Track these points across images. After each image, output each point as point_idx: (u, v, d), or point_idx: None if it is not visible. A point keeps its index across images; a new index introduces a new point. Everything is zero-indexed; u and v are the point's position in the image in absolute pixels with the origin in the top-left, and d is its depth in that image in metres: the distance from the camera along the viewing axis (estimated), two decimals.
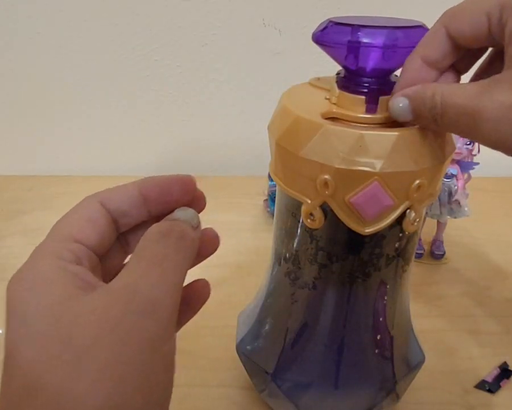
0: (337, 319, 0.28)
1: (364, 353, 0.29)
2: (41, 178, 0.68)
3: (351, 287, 0.27)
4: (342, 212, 0.23)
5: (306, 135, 0.23)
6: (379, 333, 0.28)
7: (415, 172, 0.22)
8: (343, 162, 0.22)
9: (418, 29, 0.23)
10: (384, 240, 0.25)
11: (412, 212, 0.24)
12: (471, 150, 0.47)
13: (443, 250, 0.52)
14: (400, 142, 0.22)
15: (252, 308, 0.34)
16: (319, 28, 0.24)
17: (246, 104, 0.68)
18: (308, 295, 0.28)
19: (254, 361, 0.31)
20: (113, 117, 0.69)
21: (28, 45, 0.63)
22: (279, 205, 0.28)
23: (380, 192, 0.22)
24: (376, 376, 0.29)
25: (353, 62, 0.23)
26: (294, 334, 0.29)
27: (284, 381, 0.30)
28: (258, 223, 0.58)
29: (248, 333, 0.32)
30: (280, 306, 0.30)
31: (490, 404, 0.36)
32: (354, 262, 0.26)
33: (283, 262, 0.29)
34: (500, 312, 0.45)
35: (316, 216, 0.24)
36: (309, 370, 0.29)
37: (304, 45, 0.63)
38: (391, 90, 0.23)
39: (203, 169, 0.73)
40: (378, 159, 0.22)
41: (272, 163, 0.27)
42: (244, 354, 0.32)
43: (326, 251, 0.26)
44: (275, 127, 0.25)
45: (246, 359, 0.32)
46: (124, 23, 0.62)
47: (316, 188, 0.23)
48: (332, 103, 0.25)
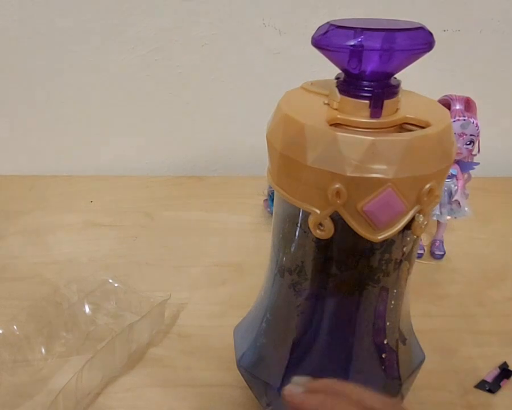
0: (346, 327, 0.27)
1: (372, 359, 0.28)
2: (41, 178, 0.68)
3: (360, 294, 0.26)
4: (354, 221, 0.23)
5: (314, 144, 0.22)
6: (386, 338, 0.28)
7: (427, 175, 0.22)
8: (356, 170, 0.21)
9: (419, 31, 0.23)
10: (393, 245, 0.25)
11: (421, 216, 0.24)
12: (471, 150, 0.47)
13: (443, 250, 0.52)
14: (411, 146, 0.22)
15: (250, 322, 0.33)
16: (319, 32, 0.23)
17: (245, 104, 0.68)
18: (315, 306, 0.27)
19: (258, 376, 0.31)
20: (113, 117, 0.69)
21: (28, 45, 0.63)
22: (280, 216, 0.27)
23: (394, 198, 0.22)
24: (383, 379, 0.29)
25: (356, 66, 0.23)
26: (301, 346, 0.29)
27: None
28: (258, 223, 0.58)
29: (249, 348, 0.32)
30: (284, 319, 0.29)
31: (490, 404, 0.36)
32: (364, 269, 0.25)
33: (286, 273, 0.28)
34: (500, 312, 0.45)
35: (325, 226, 0.23)
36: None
37: (304, 45, 0.63)
38: (392, 94, 0.23)
39: (203, 169, 0.73)
40: (391, 164, 0.21)
41: (273, 173, 0.26)
42: (247, 370, 0.32)
43: (335, 261, 0.25)
44: (277, 136, 0.25)
45: (249, 374, 0.32)
46: (124, 23, 0.62)
47: (326, 197, 0.23)
48: (333, 108, 0.24)
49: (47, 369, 0.39)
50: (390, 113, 0.24)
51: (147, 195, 0.64)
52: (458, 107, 0.45)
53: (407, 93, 0.27)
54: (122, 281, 0.46)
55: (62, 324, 0.42)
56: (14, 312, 0.42)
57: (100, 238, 0.55)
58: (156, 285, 0.48)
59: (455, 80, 0.67)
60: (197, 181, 0.68)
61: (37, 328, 0.41)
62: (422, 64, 0.27)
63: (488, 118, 0.69)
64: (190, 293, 0.47)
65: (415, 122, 0.24)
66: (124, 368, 0.39)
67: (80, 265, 0.50)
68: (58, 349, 0.40)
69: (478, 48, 0.65)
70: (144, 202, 0.63)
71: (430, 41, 0.23)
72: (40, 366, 0.39)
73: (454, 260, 0.52)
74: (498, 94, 0.68)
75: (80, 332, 0.42)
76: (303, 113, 0.24)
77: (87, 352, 0.40)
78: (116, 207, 0.61)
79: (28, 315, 0.42)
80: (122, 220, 0.59)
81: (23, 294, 0.46)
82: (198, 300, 0.46)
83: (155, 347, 0.41)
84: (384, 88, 0.24)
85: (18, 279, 0.48)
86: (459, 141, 0.45)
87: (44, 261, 0.50)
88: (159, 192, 0.65)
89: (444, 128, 0.23)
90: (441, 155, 0.23)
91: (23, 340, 0.40)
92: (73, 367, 0.38)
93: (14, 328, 0.41)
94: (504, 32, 0.64)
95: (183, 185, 0.67)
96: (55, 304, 0.44)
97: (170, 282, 0.48)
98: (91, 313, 0.44)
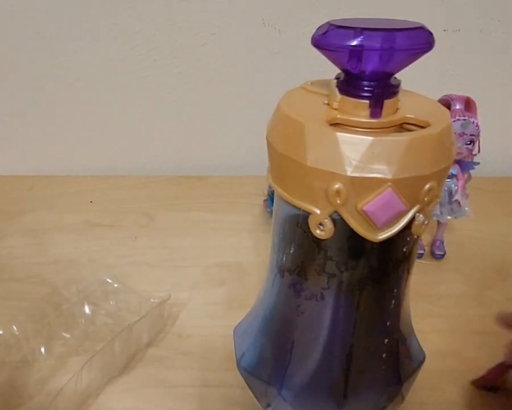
0: (346, 327, 0.27)
1: (372, 359, 0.28)
2: (41, 178, 0.68)
3: (361, 294, 0.26)
4: (354, 221, 0.23)
5: (314, 144, 0.22)
6: (386, 338, 0.28)
7: (427, 175, 0.22)
8: (356, 170, 0.21)
9: (419, 31, 0.23)
10: (393, 245, 0.25)
11: (421, 215, 0.24)
12: (471, 150, 0.47)
13: (443, 250, 0.52)
14: (412, 146, 0.22)
15: (250, 322, 0.33)
16: (319, 32, 0.23)
17: (245, 104, 0.68)
18: (315, 306, 0.27)
19: (258, 377, 0.31)
20: (113, 117, 0.69)
21: (28, 45, 0.63)
22: (280, 216, 0.27)
23: (394, 198, 0.22)
24: (383, 380, 0.29)
25: (356, 66, 0.23)
26: (301, 346, 0.29)
27: (291, 394, 0.29)
28: (258, 223, 0.58)
29: (249, 349, 0.32)
30: (284, 319, 0.29)
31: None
32: (364, 269, 0.25)
33: (286, 274, 0.28)
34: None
35: (325, 226, 0.23)
36: (317, 381, 0.29)
37: (304, 45, 0.63)
38: (392, 94, 0.23)
39: (203, 169, 0.73)
40: (391, 164, 0.21)
41: (272, 173, 0.26)
42: (246, 370, 0.32)
43: (335, 261, 0.25)
44: (277, 136, 0.25)
45: (248, 375, 0.32)
46: (124, 23, 0.62)
47: (326, 197, 0.22)
48: (333, 108, 0.24)
49: (47, 369, 0.39)
50: (390, 113, 0.24)
51: (147, 195, 0.64)
52: (458, 107, 0.45)
53: (407, 93, 0.27)
54: (122, 281, 0.46)
55: (62, 324, 0.42)
56: (13, 312, 0.42)
57: (100, 238, 0.55)
58: (156, 285, 0.48)
59: (455, 79, 0.67)
60: (197, 181, 0.68)
61: (37, 328, 0.41)
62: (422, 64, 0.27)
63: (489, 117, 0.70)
64: (190, 293, 0.47)
65: (415, 122, 0.24)
66: (124, 368, 0.39)
67: (80, 265, 0.50)
68: (57, 349, 0.40)
69: (478, 47, 0.65)
70: (144, 202, 0.63)
71: (431, 41, 0.23)
72: (40, 366, 0.39)
73: (455, 260, 0.52)
74: (498, 94, 0.68)
75: (80, 333, 0.42)
76: (303, 113, 0.24)
77: (86, 353, 0.40)
78: (116, 207, 0.61)
79: (27, 316, 0.42)
80: (121, 220, 0.59)
81: (22, 294, 0.46)
82: (198, 300, 0.46)
83: (154, 347, 0.41)
84: (384, 88, 0.24)
85: (17, 279, 0.47)
86: (460, 141, 0.45)
87: (43, 261, 0.50)
88: (158, 192, 0.65)
89: (444, 128, 0.23)
90: (441, 155, 0.23)
91: (22, 341, 0.40)
92: (73, 368, 0.38)
93: (13, 329, 0.41)
94: (504, 32, 0.64)
95: (183, 185, 0.67)
96: (54, 305, 0.44)
97: (170, 282, 0.48)
98: (90, 313, 0.43)
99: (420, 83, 0.34)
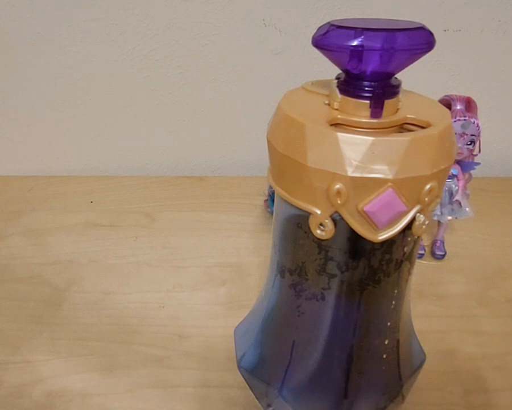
0: (347, 327, 0.27)
1: (373, 360, 0.28)
2: (41, 178, 0.68)
3: (361, 294, 0.26)
4: (354, 221, 0.23)
5: (315, 144, 0.22)
6: (387, 338, 0.28)
7: (428, 176, 0.22)
8: (357, 170, 0.21)
9: (419, 31, 0.23)
10: (394, 246, 0.25)
11: (422, 216, 0.23)
12: (472, 150, 0.47)
13: (444, 250, 0.52)
14: (413, 146, 0.22)
15: (251, 322, 0.33)
16: (320, 32, 0.23)
17: (245, 104, 0.68)
18: (316, 306, 0.27)
19: (259, 377, 0.31)
20: (113, 117, 0.69)
21: (28, 45, 0.63)
22: (280, 216, 0.27)
23: (394, 198, 0.22)
24: (384, 380, 0.29)
25: (356, 66, 0.23)
26: (302, 346, 0.29)
27: (292, 395, 0.30)
28: (258, 223, 0.58)
29: (250, 349, 0.32)
30: (284, 319, 0.29)
31: (491, 404, 0.36)
32: (364, 270, 0.25)
33: (287, 274, 0.28)
34: (502, 312, 0.45)
35: (326, 226, 0.23)
36: (318, 381, 0.29)
37: (304, 45, 0.63)
38: (393, 94, 0.23)
39: (203, 169, 0.73)
40: (392, 165, 0.21)
41: (273, 173, 0.26)
42: (247, 370, 0.32)
43: (335, 261, 0.25)
44: (277, 136, 0.25)
45: (249, 375, 0.32)
46: (124, 23, 0.62)
47: (327, 198, 0.22)
48: (334, 109, 0.24)
49: (47, 370, 0.39)
50: (391, 113, 0.24)
51: (147, 195, 0.64)
52: (458, 107, 0.45)
53: (408, 93, 0.27)
54: (122, 281, 0.46)
55: (62, 324, 0.42)
56: (14, 313, 0.42)
57: (101, 239, 0.55)
58: (156, 285, 0.48)
59: (456, 79, 0.66)
60: (197, 181, 0.68)
61: (37, 329, 0.41)
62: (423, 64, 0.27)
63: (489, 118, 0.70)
64: (190, 293, 0.47)
65: (415, 122, 0.24)
66: (125, 369, 0.39)
67: (80, 265, 0.50)
68: (58, 350, 0.40)
69: (479, 48, 0.64)
70: (144, 202, 0.63)
71: (431, 41, 0.23)
72: (40, 367, 0.39)
73: (455, 260, 0.52)
74: (499, 94, 0.68)
75: (80, 333, 0.42)
76: (303, 113, 0.24)
77: (87, 353, 0.40)
78: (116, 207, 0.61)
79: (27, 316, 0.42)
80: (122, 220, 0.59)
81: (22, 294, 0.46)
82: (199, 300, 0.46)
83: (155, 348, 0.41)
84: (384, 88, 0.24)
85: (18, 280, 0.47)
86: (460, 141, 0.45)
87: (43, 261, 0.50)
88: (159, 192, 0.65)
89: (445, 128, 0.23)
90: (442, 155, 0.23)
91: (22, 341, 0.40)
92: (73, 368, 0.38)
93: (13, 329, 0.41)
94: (505, 32, 0.64)
95: (183, 186, 0.67)
96: (55, 305, 0.44)
97: (170, 282, 0.48)
98: (91, 313, 0.44)
99: (421, 84, 0.34)
